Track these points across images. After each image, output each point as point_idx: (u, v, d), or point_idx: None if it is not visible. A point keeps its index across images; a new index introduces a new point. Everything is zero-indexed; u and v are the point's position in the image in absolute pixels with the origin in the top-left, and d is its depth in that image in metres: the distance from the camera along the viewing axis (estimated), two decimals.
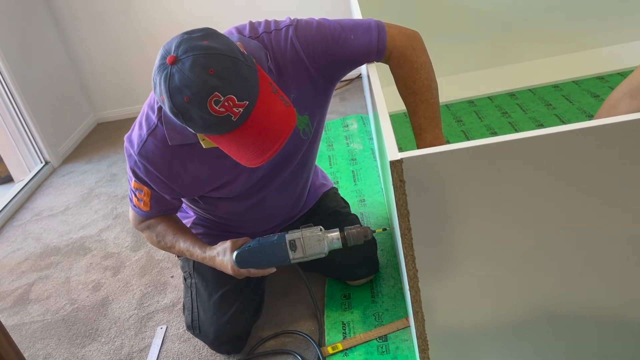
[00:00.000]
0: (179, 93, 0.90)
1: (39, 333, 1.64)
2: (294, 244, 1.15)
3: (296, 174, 1.35)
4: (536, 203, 0.83)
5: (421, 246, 0.86)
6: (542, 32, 2.50)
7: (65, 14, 3.02)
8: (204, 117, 0.92)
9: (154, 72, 0.94)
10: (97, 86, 3.24)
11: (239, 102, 0.92)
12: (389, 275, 1.52)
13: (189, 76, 0.89)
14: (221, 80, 0.90)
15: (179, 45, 0.92)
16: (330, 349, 1.33)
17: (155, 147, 1.14)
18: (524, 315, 0.96)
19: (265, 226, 1.44)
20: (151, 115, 1.14)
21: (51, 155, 2.83)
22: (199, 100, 0.90)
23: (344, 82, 3.06)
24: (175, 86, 0.90)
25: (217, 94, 0.90)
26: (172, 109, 0.93)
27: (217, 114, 0.91)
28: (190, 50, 0.91)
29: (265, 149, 0.96)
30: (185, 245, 1.26)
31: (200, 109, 0.91)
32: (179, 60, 0.90)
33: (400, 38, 1.15)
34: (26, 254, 2.10)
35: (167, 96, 0.92)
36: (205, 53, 0.90)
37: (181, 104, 0.91)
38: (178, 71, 0.90)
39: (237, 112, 0.93)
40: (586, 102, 2.16)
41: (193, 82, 0.89)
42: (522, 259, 0.89)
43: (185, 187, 1.20)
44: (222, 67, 0.91)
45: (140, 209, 1.25)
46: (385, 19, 1.22)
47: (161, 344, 1.49)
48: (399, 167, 0.78)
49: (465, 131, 2.15)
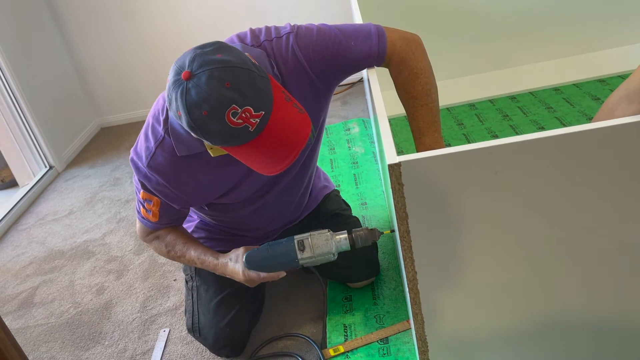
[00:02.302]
0: (197, 108, 0.92)
1: (43, 336, 1.66)
2: (302, 244, 1.16)
3: (298, 178, 1.36)
4: (536, 206, 0.83)
5: (420, 249, 0.87)
6: (543, 35, 2.50)
7: (69, 19, 3.04)
8: (222, 130, 0.93)
9: (169, 88, 0.95)
10: (101, 91, 3.26)
11: (256, 113, 0.94)
12: (391, 277, 1.52)
13: (206, 90, 0.91)
14: (238, 93, 0.92)
15: (192, 60, 0.93)
16: (332, 351, 1.34)
17: (164, 159, 1.14)
18: (523, 319, 0.96)
19: (267, 228, 1.46)
20: (157, 127, 1.15)
21: (55, 159, 2.85)
22: (217, 113, 0.91)
23: (345, 85, 3.08)
24: (192, 101, 0.92)
25: (235, 106, 0.92)
26: (190, 123, 0.94)
27: (235, 125, 0.93)
28: (205, 64, 0.92)
29: (283, 157, 0.98)
30: (195, 253, 1.27)
31: (219, 122, 0.92)
32: (195, 75, 0.91)
33: (400, 43, 1.16)
34: (30, 257, 2.12)
35: (185, 111, 0.93)
36: (220, 67, 0.92)
37: (199, 119, 0.93)
38: (194, 86, 0.91)
39: (255, 122, 0.94)
40: (587, 104, 2.16)
41: (211, 96, 0.91)
42: (521, 262, 0.89)
43: (194, 196, 1.21)
44: (237, 79, 0.92)
45: (149, 220, 1.25)
46: (387, 21, 1.23)
47: (164, 346, 1.50)
48: (398, 170, 0.79)
49: (466, 134, 2.16)
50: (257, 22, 3.17)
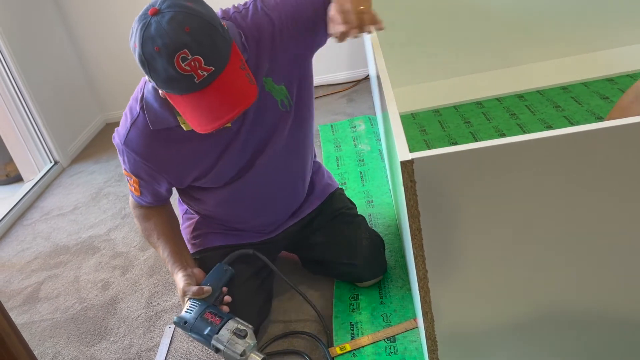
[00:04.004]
0: (151, 41, 0.95)
1: (49, 331, 1.65)
2: (216, 348, 1.14)
3: (287, 158, 1.34)
4: (550, 204, 0.82)
5: (431, 247, 0.86)
6: (551, 33, 2.49)
7: (74, 15, 3.04)
8: (169, 71, 0.95)
9: (135, 21, 0.99)
10: (106, 87, 3.26)
11: (205, 66, 0.96)
12: (397, 276, 1.52)
13: (164, 27, 0.94)
14: (193, 40, 0.94)
15: (164, 0, 0.97)
16: (339, 349, 1.33)
17: (138, 136, 1.18)
18: (534, 317, 0.96)
19: (264, 222, 1.44)
20: (134, 106, 1.19)
21: (60, 155, 2.84)
22: (167, 52, 0.94)
23: (351, 82, 3.07)
24: (149, 35, 0.95)
25: (186, 51, 0.94)
26: (141, 56, 0.97)
27: (181, 70, 0.95)
28: (173, 6, 0.96)
29: (219, 117, 1.00)
30: (164, 254, 1.30)
31: (167, 61, 0.95)
32: (160, 12, 0.95)
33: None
34: (35, 252, 2.12)
35: (140, 43, 0.96)
36: (186, 12, 0.95)
37: (150, 53, 0.95)
38: (156, 22, 0.95)
39: (201, 75, 0.96)
40: (595, 104, 2.15)
41: (166, 34, 0.94)
42: (533, 260, 0.88)
43: (171, 172, 1.24)
44: (198, 28, 0.95)
45: (133, 194, 1.32)
46: (395, 19, 1.22)
47: (170, 343, 1.49)
48: (410, 167, 0.78)
49: (474, 132, 2.15)
50: None
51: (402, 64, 2.49)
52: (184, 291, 1.20)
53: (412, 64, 2.52)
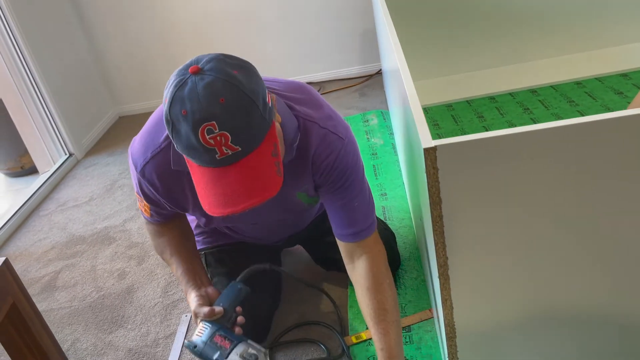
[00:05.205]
0: (180, 103, 0.85)
1: (67, 319, 1.68)
2: None
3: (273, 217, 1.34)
4: (574, 192, 0.83)
5: (452, 234, 0.87)
6: (565, 28, 2.48)
7: (90, 9, 3.07)
8: (191, 139, 0.86)
9: (174, 72, 0.90)
10: (120, 80, 3.29)
11: (231, 144, 0.86)
12: (412, 267, 1.53)
13: (198, 92, 0.84)
14: (225, 113, 0.84)
15: (210, 60, 0.88)
16: (354, 338, 1.35)
17: (155, 170, 1.10)
18: (554, 306, 0.96)
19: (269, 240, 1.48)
20: (160, 131, 1.09)
21: (75, 147, 2.87)
22: (193, 119, 0.84)
23: (363, 77, 3.07)
24: (180, 95, 0.85)
25: (214, 123, 0.84)
26: (167, 114, 0.87)
27: (204, 142, 0.85)
28: (216, 70, 0.86)
29: (232, 203, 0.89)
30: (177, 272, 1.26)
31: (192, 128, 0.85)
32: (200, 73, 0.86)
33: (380, 247, 1.20)
34: (52, 242, 2.15)
35: (169, 100, 0.87)
36: (227, 80, 0.85)
37: (176, 114, 0.86)
38: (192, 82, 0.85)
39: (225, 152, 0.86)
40: (609, 99, 2.15)
41: (198, 100, 0.84)
42: (554, 249, 0.89)
43: (180, 207, 1.20)
44: (234, 101, 0.85)
45: (143, 213, 1.27)
46: (412, 15, 1.22)
47: (186, 331, 1.51)
48: (433, 154, 0.79)
49: (487, 127, 2.15)
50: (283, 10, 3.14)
51: (416, 59, 2.50)
52: (196, 313, 1.15)
53: (425, 59, 2.53)
